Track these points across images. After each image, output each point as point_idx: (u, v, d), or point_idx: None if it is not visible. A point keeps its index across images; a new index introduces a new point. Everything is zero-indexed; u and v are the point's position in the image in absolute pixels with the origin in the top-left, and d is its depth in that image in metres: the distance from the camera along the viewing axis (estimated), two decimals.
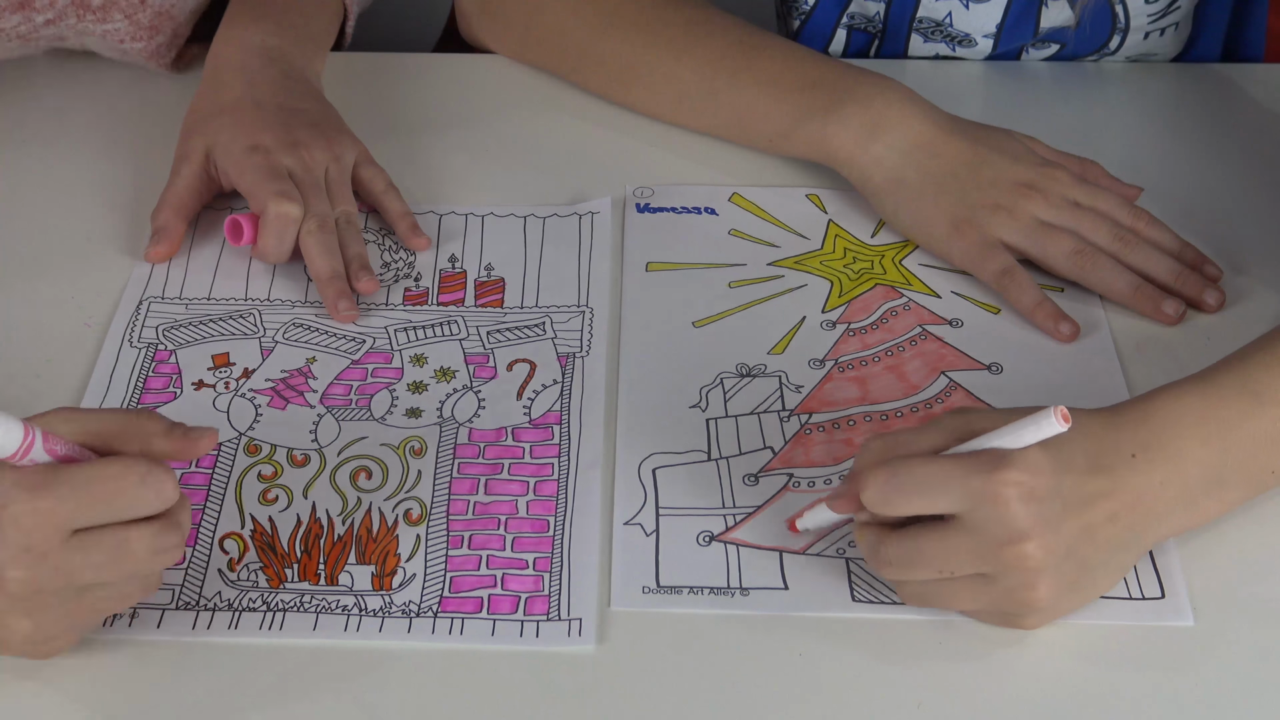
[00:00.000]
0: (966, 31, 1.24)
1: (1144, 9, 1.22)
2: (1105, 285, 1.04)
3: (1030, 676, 0.83)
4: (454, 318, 1.04)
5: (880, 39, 1.27)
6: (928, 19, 1.24)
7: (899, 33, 1.26)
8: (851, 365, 1.00)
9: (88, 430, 0.80)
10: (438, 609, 0.86)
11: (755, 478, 0.93)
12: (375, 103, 1.22)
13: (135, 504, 0.78)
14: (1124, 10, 1.22)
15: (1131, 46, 1.25)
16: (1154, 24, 1.23)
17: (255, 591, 0.87)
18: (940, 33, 1.24)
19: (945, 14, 1.23)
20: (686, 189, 1.14)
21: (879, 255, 1.09)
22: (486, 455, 0.95)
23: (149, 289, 1.06)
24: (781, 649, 0.84)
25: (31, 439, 0.76)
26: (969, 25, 1.23)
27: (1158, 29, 1.23)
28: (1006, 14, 1.22)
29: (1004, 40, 1.24)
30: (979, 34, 1.24)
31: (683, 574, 0.88)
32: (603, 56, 1.19)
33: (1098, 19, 1.22)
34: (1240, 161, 1.17)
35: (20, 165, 1.16)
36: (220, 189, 1.10)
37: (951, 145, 1.07)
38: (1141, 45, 1.25)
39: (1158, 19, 1.22)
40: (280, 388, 0.99)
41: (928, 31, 1.25)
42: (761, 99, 1.13)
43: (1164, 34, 1.24)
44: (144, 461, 0.78)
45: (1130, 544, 0.84)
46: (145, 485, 0.77)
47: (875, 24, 1.26)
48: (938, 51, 1.26)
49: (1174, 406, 0.85)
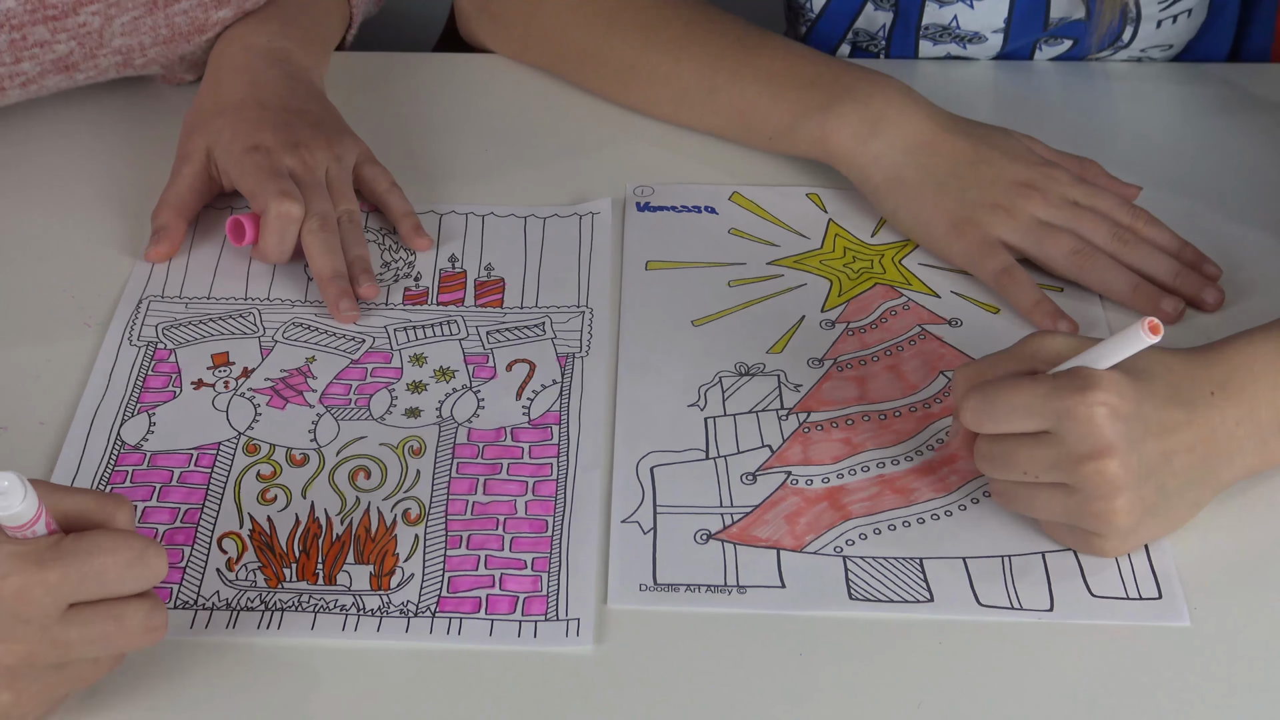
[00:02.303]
0: (975, 30, 1.24)
1: None
2: (1104, 284, 1.04)
3: (1029, 676, 0.83)
4: (454, 318, 1.04)
5: (885, 54, 1.27)
6: (934, 25, 1.24)
7: (906, 40, 1.26)
8: (850, 364, 1.00)
9: (57, 508, 0.78)
10: (436, 609, 0.86)
11: (753, 476, 0.93)
12: (375, 103, 1.22)
13: (130, 580, 0.76)
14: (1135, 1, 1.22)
15: (1145, 37, 1.24)
16: (1165, 11, 1.22)
17: (253, 591, 0.87)
18: (949, 35, 1.24)
19: (951, 18, 1.23)
20: (687, 188, 1.14)
21: (879, 255, 1.09)
22: (485, 455, 0.95)
23: (149, 288, 1.06)
24: (781, 649, 0.84)
25: (41, 510, 0.75)
26: (976, 24, 1.23)
27: (1170, 16, 1.23)
28: (1013, 8, 1.22)
29: (1014, 34, 1.24)
30: (988, 30, 1.24)
31: (680, 572, 0.88)
32: (603, 56, 1.19)
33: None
34: (1242, 161, 1.17)
35: (20, 164, 1.16)
36: (221, 189, 1.10)
37: (951, 144, 1.07)
38: (1155, 35, 1.24)
39: (1168, 5, 1.22)
40: (280, 387, 0.99)
41: (936, 36, 1.25)
42: (761, 97, 1.13)
43: (1176, 21, 1.24)
44: (138, 538, 0.77)
45: (1205, 478, 0.87)
46: (142, 562, 0.76)
47: (879, 41, 1.26)
48: (949, 52, 1.26)
49: (1248, 351, 0.88)
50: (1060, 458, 0.84)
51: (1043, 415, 0.84)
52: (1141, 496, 0.85)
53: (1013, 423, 0.85)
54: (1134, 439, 0.84)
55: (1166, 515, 0.87)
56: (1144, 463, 0.84)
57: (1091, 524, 0.86)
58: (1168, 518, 0.87)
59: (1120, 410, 0.83)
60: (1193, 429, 0.86)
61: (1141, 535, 0.87)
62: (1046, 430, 0.84)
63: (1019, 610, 0.86)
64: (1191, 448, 0.86)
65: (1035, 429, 0.85)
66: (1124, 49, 1.26)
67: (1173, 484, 0.86)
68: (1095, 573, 0.87)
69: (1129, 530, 0.86)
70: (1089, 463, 0.83)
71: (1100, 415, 0.83)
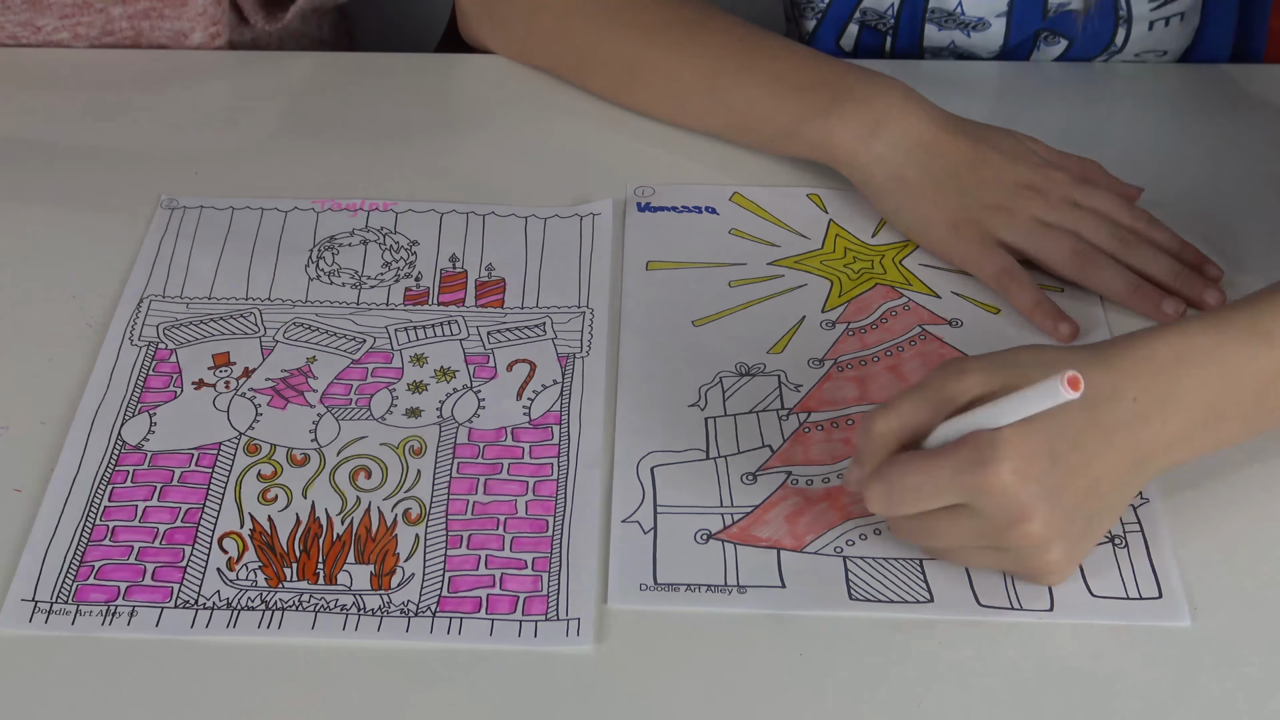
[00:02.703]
0: (979, 15, 1.24)
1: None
2: (1105, 285, 1.04)
3: (1028, 676, 0.83)
4: (454, 318, 1.04)
5: (894, 34, 1.27)
6: (939, 9, 1.24)
7: (913, 24, 1.26)
8: (851, 365, 1.00)
9: None
10: (436, 609, 0.86)
11: (754, 476, 0.93)
12: (375, 103, 1.22)
13: None
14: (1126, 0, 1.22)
15: (1138, 40, 1.24)
16: (1157, 12, 1.23)
17: (254, 590, 0.87)
18: (953, 21, 1.25)
19: (956, 3, 1.23)
20: (687, 188, 1.14)
21: (879, 255, 1.09)
22: (486, 455, 0.95)
23: (149, 288, 1.06)
24: (781, 649, 0.84)
25: None
26: (980, 9, 1.23)
27: (1162, 18, 1.23)
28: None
29: (1015, 21, 1.24)
30: (991, 15, 1.24)
31: (680, 571, 0.88)
32: (604, 56, 1.19)
33: (1101, 7, 1.22)
34: (1243, 162, 1.17)
35: (20, 163, 1.16)
36: None
37: (952, 144, 1.07)
38: (1147, 38, 1.24)
39: (1160, 6, 1.22)
40: (280, 387, 0.99)
41: (941, 20, 1.25)
42: (763, 98, 1.13)
43: (1169, 24, 1.24)
44: None
45: (1132, 482, 0.86)
46: None
47: (887, 20, 1.26)
48: (953, 39, 1.26)
49: (1180, 345, 0.85)
50: (982, 528, 0.83)
51: (953, 493, 0.82)
52: (1071, 536, 0.83)
53: (922, 505, 0.83)
54: (1050, 492, 0.81)
55: (1100, 529, 0.86)
56: (1067, 509, 0.82)
57: (1029, 576, 0.86)
58: (1101, 530, 0.86)
59: (1030, 471, 0.80)
60: (1113, 449, 0.83)
61: (1078, 559, 0.86)
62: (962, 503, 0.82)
63: (1019, 610, 0.86)
64: (1116, 466, 0.84)
65: (949, 504, 0.83)
66: (1117, 54, 1.26)
67: (1098, 504, 0.84)
68: (1095, 572, 0.87)
69: (1066, 565, 0.85)
70: (1011, 530, 0.82)
71: (1011, 485, 0.80)
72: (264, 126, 1.17)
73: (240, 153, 1.16)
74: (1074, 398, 0.77)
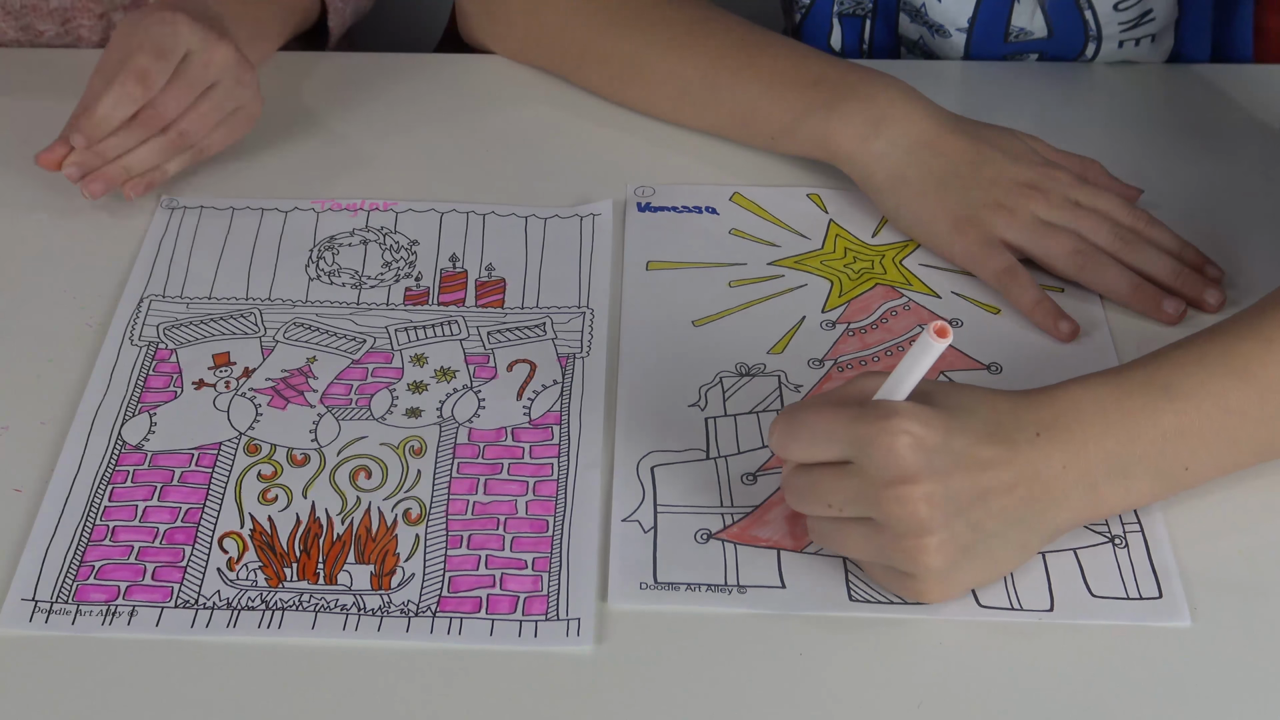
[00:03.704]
0: (941, 23, 1.24)
1: (1114, 16, 1.21)
2: (1105, 285, 1.04)
3: (1028, 676, 0.83)
4: (454, 318, 1.04)
5: (872, 19, 1.27)
6: (909, 3, 1.25)
7: (889, 10, 1.26)
8: (851, 365, 1.00)
9: None
10: (436, 609, 0.86)
11: (753, 476, 0.93)
12: (375, 103, 1.22)
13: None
14: (1094, 18, 1.22)
15: (1108, 55, 1.25)
16: (1127, 33, 1.23)
17: (254, 590, 0.87)
18: (920, 19, 1.25)
19: (922, 2, 1.24)
20: (687, 188, 1.14)
21: (879, 255, 1.09)
22: (486, 455, 0.95)
23: (149, 287, 1.06)
24: (781, 649, 0.84)
25: None
26: (942, 17, 1.24)
27: (1132, 39, 1.23)
28: (977, 11, 1.22)
29: (977, 37, 1.24)
30: (952, 27, 1.24)
31: (680, 571, 0.88)
32: (604, 55, 1.20)
33: (1069, 27, 1.22)
34: (1235, 162, 1.17)
35: (20, 163, 1.16)
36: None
37: (953, 143, 1.07)
38: (1117, 54, 1.24)
39: (1130, 28, 1.22)
40: (280, 387, 0.99)
41: (912, 14, 1.25)
42: (764, 96, 1.13)
43: (1140, 44, 1.24)
44: None
45: (1029, 521, 0.84)
46: None
47: (865, 5, 1.27)
48: (921, 34, 1.27)
49: (1079, 394, 0.86)
50: (862, 488, 0.82)
51: (845, 442, 0.82)
52: (953, 535, 0.82)
53: (815, 449, 0.83)
54: (939, 470, 0.81)
55: (987, 557, 0.84)
56: (952, 498, 0.81)
57: (902, 563, 0.83)
58: (989, 560, 0.84)
59: (925, 441, 0.80)
60: (1012, 468, 0.83)
61: (960, 579, 0.84)
62: (850, 460, 0.82)
63: (1019, 610, 0.86)
64: (1011, 488, 0.83)
65: (838, 457, 0.82)
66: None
67: (990, 524, 0.83)
68: (1095, 572, 0.87)
69: (943, 571, 0.83)
70: (888, 490, 0.80)
71: (901, 443, 0.80)
72: (264, 126, 1.17)
73: (240, 153, 1.16)
74: (945, 344, 0.79)
